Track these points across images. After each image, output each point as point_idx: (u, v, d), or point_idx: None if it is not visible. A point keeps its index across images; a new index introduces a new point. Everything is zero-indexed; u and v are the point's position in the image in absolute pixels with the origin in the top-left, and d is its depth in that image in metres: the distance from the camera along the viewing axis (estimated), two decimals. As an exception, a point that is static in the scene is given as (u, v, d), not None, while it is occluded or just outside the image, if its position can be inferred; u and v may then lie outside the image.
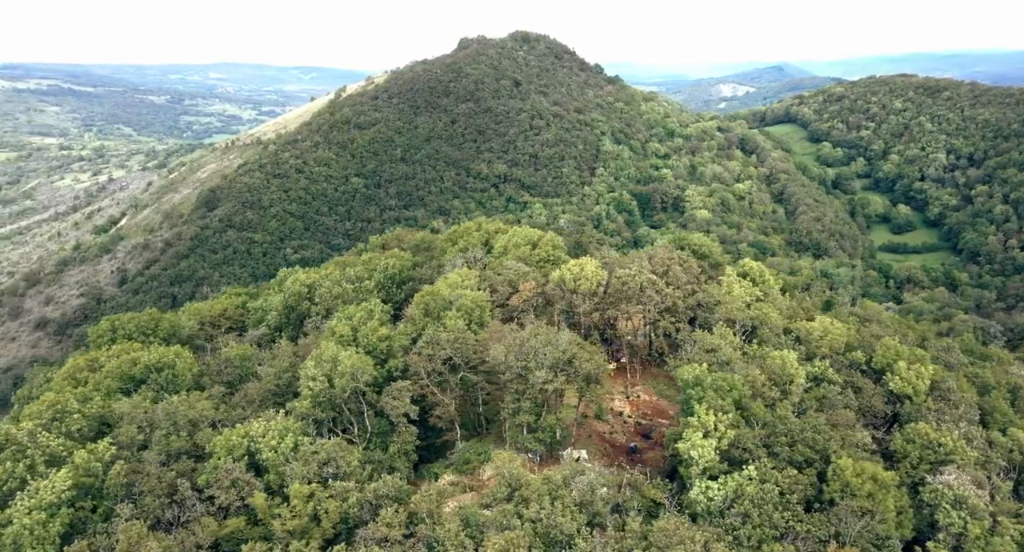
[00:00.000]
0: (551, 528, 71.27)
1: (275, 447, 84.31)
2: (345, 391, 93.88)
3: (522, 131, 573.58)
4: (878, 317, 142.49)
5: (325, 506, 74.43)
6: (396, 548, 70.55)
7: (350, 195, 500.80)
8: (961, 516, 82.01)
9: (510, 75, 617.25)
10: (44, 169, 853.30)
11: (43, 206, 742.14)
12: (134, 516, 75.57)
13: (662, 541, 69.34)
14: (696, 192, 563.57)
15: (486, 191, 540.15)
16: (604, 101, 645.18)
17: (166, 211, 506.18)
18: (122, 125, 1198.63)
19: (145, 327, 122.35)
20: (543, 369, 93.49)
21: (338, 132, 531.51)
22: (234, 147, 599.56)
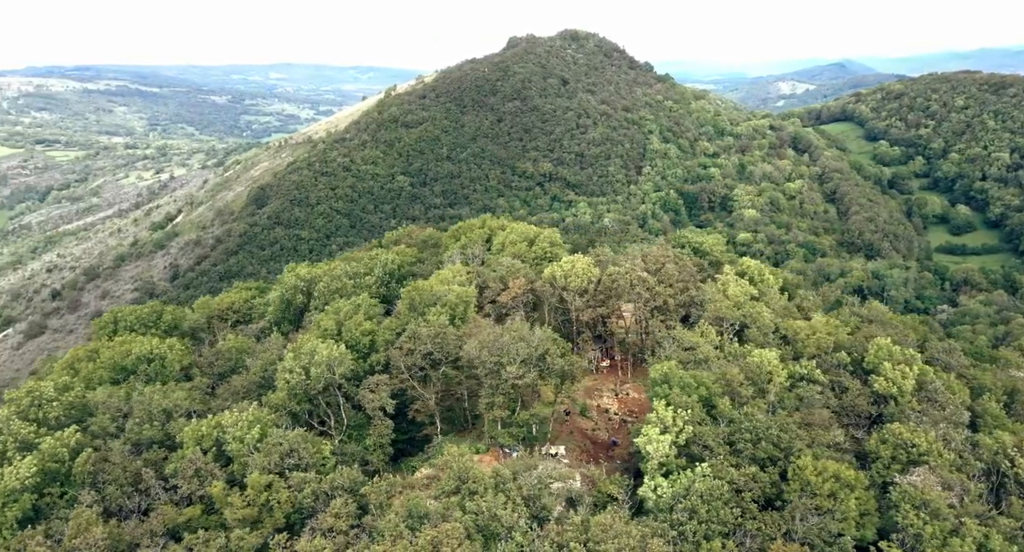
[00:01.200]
0: (491, 521, 72.50)
1: (240, 438, 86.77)
2: (319, 383, 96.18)
3: (568, 130, 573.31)
4: (881, 318, 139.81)
5: (277, 496, 76.77)
6: (340, 538, 72.52)
7: (395, 193, 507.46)
8: (921, 516, 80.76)
9: (558, 73, 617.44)
10: (110, 167, 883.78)
11: (108, 203, 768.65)
12: (95, 503, 78.53)
13: (598, 536, 70.08)
14: (744, 191, 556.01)
15: (531, 190, 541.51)
16: (653, 99, 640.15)
17: (219, 208, 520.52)
18: (185, 124, 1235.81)
19: (146, 319, 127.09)
20: (514, 364, 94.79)
21: (385, 131, 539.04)
22: (286, 146, 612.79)
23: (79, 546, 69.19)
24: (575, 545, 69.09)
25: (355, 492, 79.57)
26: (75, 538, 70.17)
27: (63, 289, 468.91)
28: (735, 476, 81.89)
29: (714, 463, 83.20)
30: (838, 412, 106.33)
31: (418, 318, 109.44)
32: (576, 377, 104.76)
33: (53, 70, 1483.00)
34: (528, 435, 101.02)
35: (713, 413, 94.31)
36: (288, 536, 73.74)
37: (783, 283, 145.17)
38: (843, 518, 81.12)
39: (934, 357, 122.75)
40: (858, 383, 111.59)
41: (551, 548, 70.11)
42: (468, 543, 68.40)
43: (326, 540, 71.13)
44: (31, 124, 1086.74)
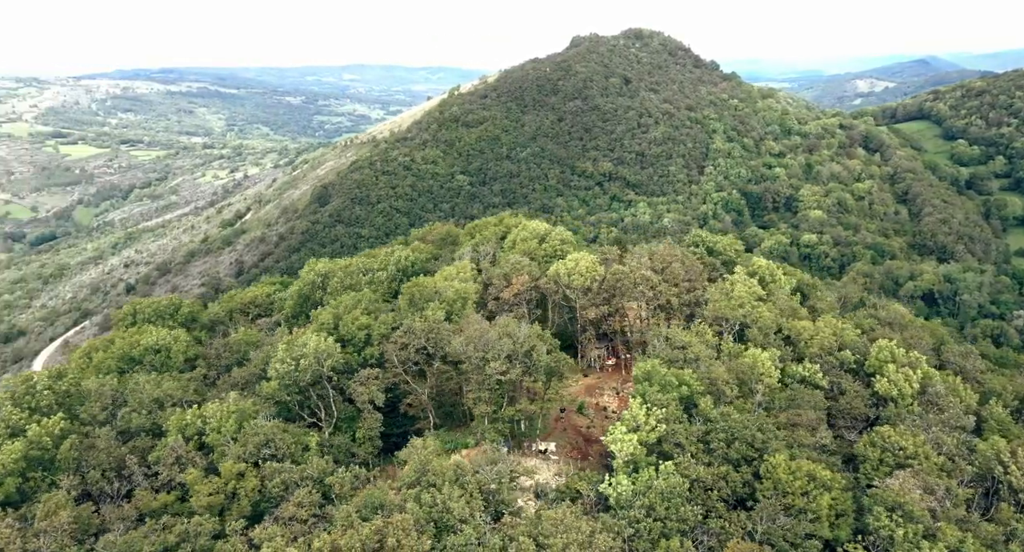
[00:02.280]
0: (444, 513, 73.94)
1: (218, 428, 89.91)
2: (307, 375, 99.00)
3: (630, 129, 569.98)
4: (899, 320, 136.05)
5: (245, 485, 79.73)
6: (297, 527, 74.95)
7: (455, 192, 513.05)
8: (894, 519, 79.59)
9: (620, 72, 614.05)
10: (189, 166, 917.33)
11: (185, 201, 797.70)
12: (72, 488, 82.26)
13: (548, 530, 70.95)
14: (810, 192, 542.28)
15: (590, 189, 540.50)
16: (718, 98, 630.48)
17: (284, 206, 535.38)
18: (261, 125, 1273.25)
19: (164, 311, 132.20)
20: (498, 360, 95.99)
21: (446, 130, 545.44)
22: (351, 145, 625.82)
23: (45, 528, 72.76)
24: (524, 539, 70.18)
25: (322, 482, 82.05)
26: (43, 521, 73.82)
27: (137, 283, 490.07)
28: (702, 474, 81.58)
29: (681, 461, 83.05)
30: (835, 414, 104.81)
31: (415, 313, 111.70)
32: (563, 374, 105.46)
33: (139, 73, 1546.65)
34: (518, 431, 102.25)
35: (693, 412, 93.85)
36: (249, 523, 76.49)
37: (797, 284, 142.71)
38: (815, 518, 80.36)
39: (948, 361, 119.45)
40: (858, 385, 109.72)
41: (500, 541, 71.33)
42: (416, 534, 70.05)
43: (282, 528, 73.68)
44: (117, 125, 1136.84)
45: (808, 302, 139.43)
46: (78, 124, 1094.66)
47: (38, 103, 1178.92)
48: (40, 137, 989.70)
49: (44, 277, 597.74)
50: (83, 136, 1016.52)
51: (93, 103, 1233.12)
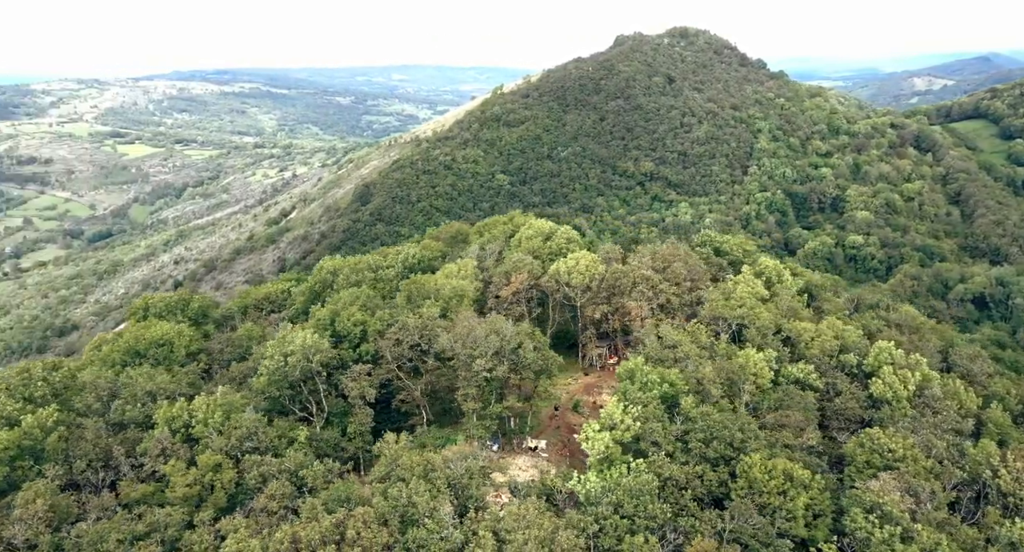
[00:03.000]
0: (408, 507, 75.13)
1: (204, 420, 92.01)
2: (295, 370, 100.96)
3: (672, 128, 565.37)
4: (910, 322, 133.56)
5: (221, 477, 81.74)
6: (265, 518, 76.67)
7: (495, 191, 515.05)
8: (871, 520, 79.15)
9: (664, 71, 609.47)
10: (240, 165, 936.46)
11: (235, 199, 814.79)
12: (57, 477, 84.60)
13: (510, 525, 71.58)
14: (857, 192, 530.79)
15: (631, 189, 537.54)
16: (764, 97, 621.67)
17: (328, 205, 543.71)
18: (311, 124, 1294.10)
19: (175, 306, 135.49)
20: (485, 357, 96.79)
21: (487, 130, 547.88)
22: (395, 145, 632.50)
23: (22, 516, 75.24)
24: (485, 533, 71.01)
25: (296, 475, 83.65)
26: (21, 508, 76.24)
27: (184, 280, 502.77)
28: (676, 472, 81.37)
29: (655, 459, 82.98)
30: (829, 415, 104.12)
31: (411, 310, 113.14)
32: (552, 372, 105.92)
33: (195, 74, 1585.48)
34: (508, 428, 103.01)
35: (675, 410, 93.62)
36: (221, 515, 78.41)
37: (805, 285, 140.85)
38: (790, 517, 79.99)
39: (955, 364, 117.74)
40: (855, 387, 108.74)
41: (463, 535, 72.29)
42: (376, 527, 71.36)
43: (249, 520, 75.59)
44: (172, 125, 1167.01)
45: (815, 303, 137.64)
46: (135, 124, 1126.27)
47: (98, 104, 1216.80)
48: (99, 137, 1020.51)
49: (99, 273, 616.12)
50: (140, 136, 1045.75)
51: (150, 104, 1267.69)
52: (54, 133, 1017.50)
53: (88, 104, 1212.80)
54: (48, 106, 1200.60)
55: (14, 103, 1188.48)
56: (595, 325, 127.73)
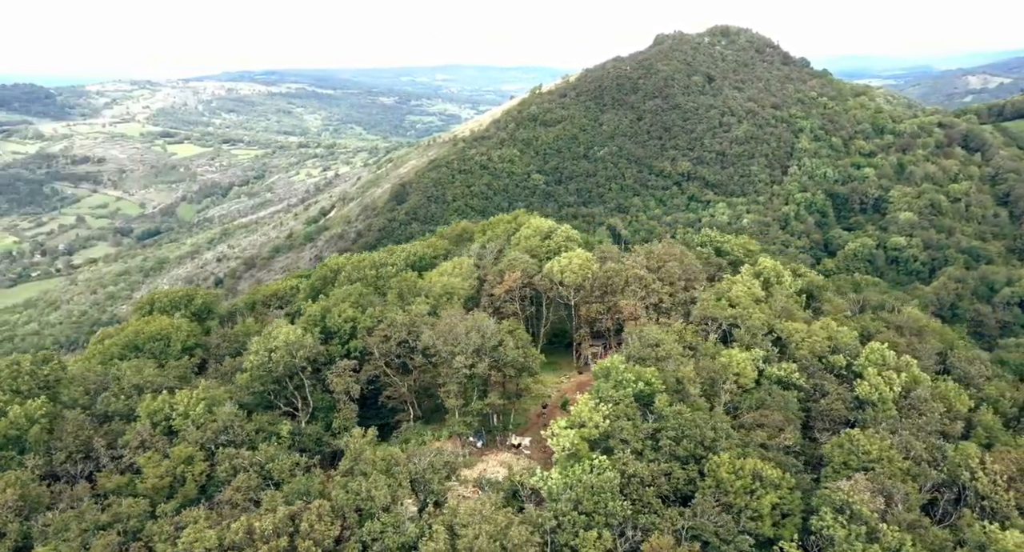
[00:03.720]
0: (366, 500, 76.67)
1: (185, 413, 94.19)
2: (279, 365, 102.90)
3: (710, 128, 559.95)
4: (911, 324, 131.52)
5: (192, 469, 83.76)
6: (228, 510, 78.39)
7: (530, 191, 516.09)
8: (839, 520, 79.00)
9: (703, 70, 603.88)
10: (284, 165, 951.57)
11: (279, 198, 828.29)
12: (35, 468, 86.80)
13: (465, 519, 72.52)
14: (900, 193, 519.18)
15: (668, 189, 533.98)
16: (806, 96, 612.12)
17: (365, 204, 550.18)
18: (355, 124, 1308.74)
19: (178, 302, 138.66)
20: (465, 354, 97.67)
21: (524, 130, 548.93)
22: (433, 145, 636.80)
23: None
24: (438, 527, 72.09)
25: (263, 467, 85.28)
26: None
27: (224, 277, 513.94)
28: (639, 469, 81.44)
29: (620, 456, 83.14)
30: (814, 415, 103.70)
31: (401, 307, 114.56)
32: (534, 370, 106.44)
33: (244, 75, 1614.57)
34: (492, 426, 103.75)
35: (650, 409, 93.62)
36: (187, 506, 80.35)
37: (806, 285, 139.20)
38: (756, 517, 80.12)
39: (953, 366, 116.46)
40: (843, 388, 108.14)
41: (416, 528, 73.49)
42: (328, 520, 72.99)
43: (210, 512, 77.50)
44: (220, 125, 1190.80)
45: (816, 304, 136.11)
46: (185, 124, 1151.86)
47: (150, 104, 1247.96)
48: (150, 137, 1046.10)
49: (145, 270, 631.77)
50: (189, 135, 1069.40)
51: (200, 104, 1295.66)
52: (107, 133, 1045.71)
53: (140, 105, 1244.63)
54: (102, 107, 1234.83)
55: (70, 104, 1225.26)
56: (589, 324, 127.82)
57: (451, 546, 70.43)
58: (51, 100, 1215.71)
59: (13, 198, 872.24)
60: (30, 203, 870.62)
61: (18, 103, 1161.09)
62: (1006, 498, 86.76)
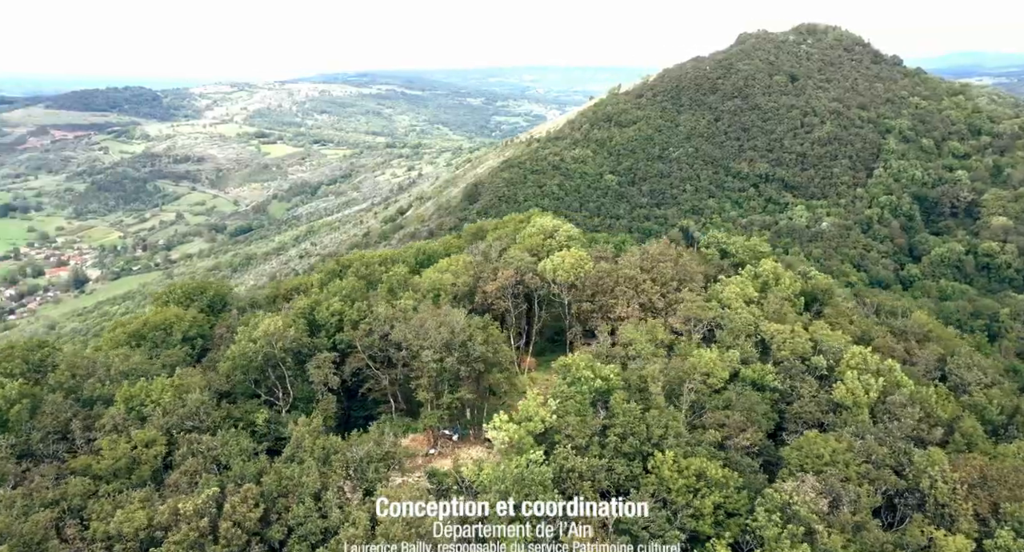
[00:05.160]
0: (297, 486, 79.89)
1: (157, 399, 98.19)
2: (258, 355, 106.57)
3: (791, 128, 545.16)
4: (917, 329, 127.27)
5: (148, 452, 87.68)
6: (171, 492, 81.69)
7: (602, 192, 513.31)
8: (774, 520, 78.84)
9: (786, 70, 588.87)
10: (371, 165, 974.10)
11: (363, 197, 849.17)
12: (12, 446, 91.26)
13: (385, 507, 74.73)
14: (996, 196, 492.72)
15: (744, 191, 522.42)
16: (896, 96, 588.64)
17: (441, 203, 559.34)
18: (441, 125, 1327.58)
19: (192, 293, 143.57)
20: (433, 348, 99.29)
21: (598, 130, 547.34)
22: (511, 145, 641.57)
23: None
24: (360, 514, 74.25)
25: (215, 452, 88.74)
26: None
27: (302, 273, 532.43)
28: (577, 464, 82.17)
29: (560, 451, 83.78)
30: (788, 417, 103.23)
31: (387, 302, 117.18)
32: (504, 366, 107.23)
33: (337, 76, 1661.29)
34: (465, 420, 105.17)
35: (605, 406, 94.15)
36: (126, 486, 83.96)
37: (811, 288, 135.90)
38: (697, 515, 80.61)
39: (951, 372, 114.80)
40: (821, 390, 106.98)
41: (339, 514, 76.15)
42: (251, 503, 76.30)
43: (157, 493, 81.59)
44: (312, 126, 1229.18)
45: (817, 306, 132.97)
46: (279, 125, 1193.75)
47: (247, 106, 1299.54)
48: (246, 137, 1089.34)
49: (234, 265, 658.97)
50: (282, 136, 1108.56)
51: (294, 105, 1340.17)
52: (207, 134, 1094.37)
53: (239, 106, 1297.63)
54: (204, 108, 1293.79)
55: (175, 106, 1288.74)
56: (581, 323, 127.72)
57: (371, 533, 72.73)
58: (158, 102, 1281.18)
59: (120, 195, 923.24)
60: (135, 200, 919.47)
61: (128, 105, 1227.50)
62: (964, 507, 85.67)
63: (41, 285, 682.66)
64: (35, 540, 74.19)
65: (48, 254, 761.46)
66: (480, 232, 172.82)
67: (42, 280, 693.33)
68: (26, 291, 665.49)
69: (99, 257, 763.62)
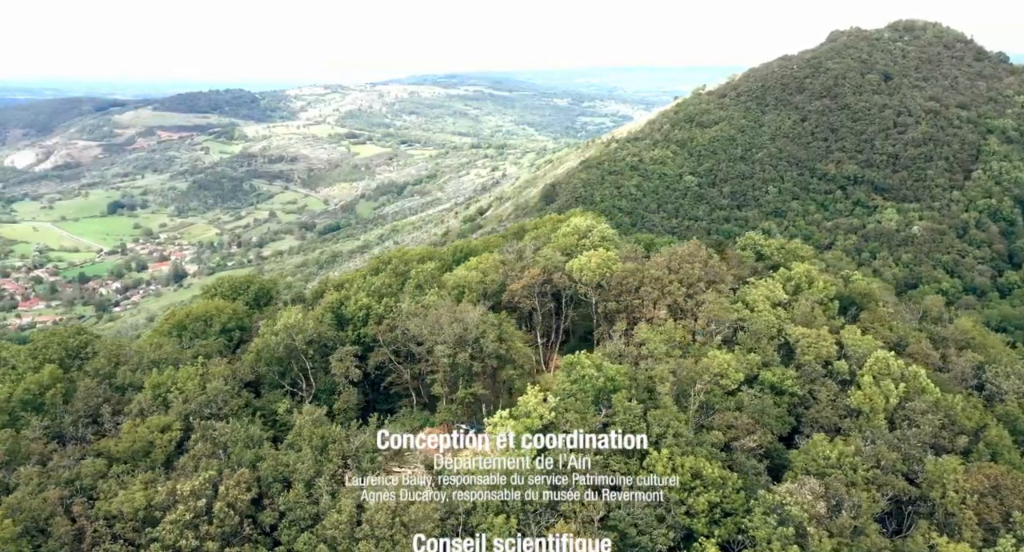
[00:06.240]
0: (292, 472, 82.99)
1: (180, 387, 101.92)
2: (279, 347, 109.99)
3: (883, 129, 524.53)
4: (960, 336, 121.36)
5: (163, 437, 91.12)
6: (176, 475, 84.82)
7: (681, 193, 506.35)
8: (768, 521, 78.19)
9: (880, 68, 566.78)
10: (456, 165, 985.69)
11: (447, 197, 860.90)
12: (44, 428, 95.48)
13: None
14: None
15: (831, 193, 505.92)
16: (1000, 95, 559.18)
17: (519, 204, 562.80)
18: (527, 125, 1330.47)
19: (238, 287, 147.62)
20: (446, 344, 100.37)
21: (678, 130, 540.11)
22: (592, 145, 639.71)
23: None
24: (346, 501, 76.90)
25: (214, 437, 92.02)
26: None
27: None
28: (568, 459, 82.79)
29: (555, 447, 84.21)
30: (805, 422, 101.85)
31: (413, 299, 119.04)
32: (517, 363, 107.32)
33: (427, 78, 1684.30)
34: (482, 415, 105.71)
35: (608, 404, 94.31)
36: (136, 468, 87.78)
37: (849, 292, 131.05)
38: (691, 514, 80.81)
39: (987, 381, 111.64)
40: (839, 394, 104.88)
41: (328, 501, 78.98)
42: (244, 487, 79.58)
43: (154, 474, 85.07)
44: (401, 126, 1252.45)
45: (854, 311, 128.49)
46: (369, 126, 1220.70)
47: (339, 107, 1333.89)
48: (336, 138, 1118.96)
49: (320, 262, 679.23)
50: (371, 136, 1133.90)
51: (383, 107, 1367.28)
52: (300, 134, 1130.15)
53: (331, 108, 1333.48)
54: (298, 110, 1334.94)
55: (272, 107, 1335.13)
56: (608, 322, 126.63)
57: (356, 520, 74.94)
58: (256, 104, 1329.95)
59: (218, 194, 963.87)
60: (232, 198, 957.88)
61: (229, 107, 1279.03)
62: (969, 515, 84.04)
63: (144, 279, 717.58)
64: (42, 516, 78.66)
65: (151, 249, 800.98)
66: (521, 231, 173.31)
67: (145, 274, 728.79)
68: (131, 284, 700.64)
69: (197, 253, 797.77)
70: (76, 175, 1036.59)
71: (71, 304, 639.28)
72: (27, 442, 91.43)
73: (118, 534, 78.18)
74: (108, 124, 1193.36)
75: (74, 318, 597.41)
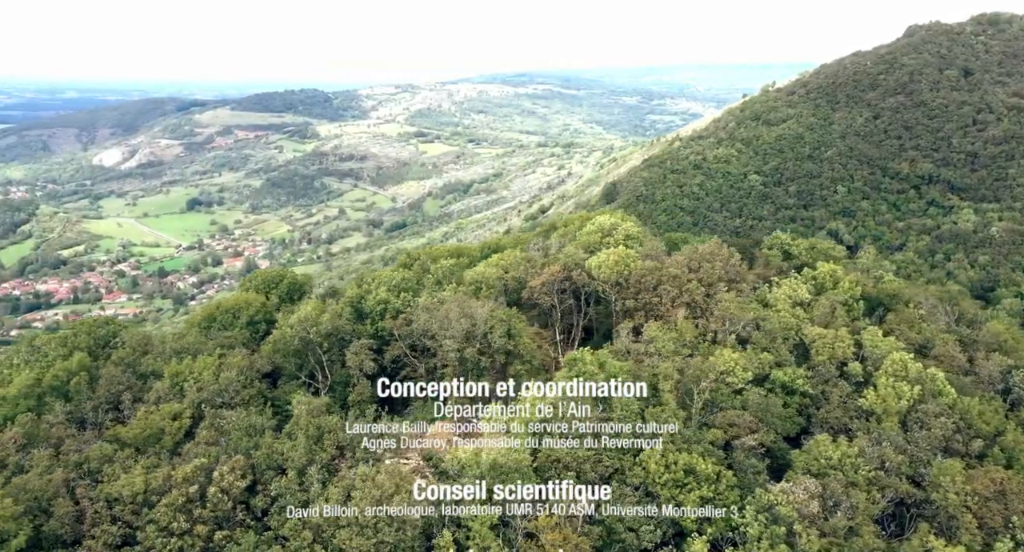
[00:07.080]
0: (285, 460, 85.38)
1: (196, 376, 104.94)
2: (294, 340, 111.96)
3: (961, 126, 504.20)
4: (990, 340, 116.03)
5: (173, 425, 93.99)
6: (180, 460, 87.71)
7: (745, 192, 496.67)
8: (760, 519, 77.99)
9: (959, 64, 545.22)
10: (522, 164, 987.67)
11: (512, 195, 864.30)
12: (66, 414, 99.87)
13: (358, 484, 78.56)
14: None
15: (904, 193, 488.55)
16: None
17: (581, 202, 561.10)
18: (595, 124, 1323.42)
19: (270, 281, 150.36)
20: (454, 339, 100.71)
21: (744, 128, 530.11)
22: (657, 144, 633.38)
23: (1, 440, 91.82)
24: (334, 489, 78.35)
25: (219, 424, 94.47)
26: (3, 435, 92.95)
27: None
28: (560, 454, 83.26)
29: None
30: (815, 422, 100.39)
31: (430, 294, 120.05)
32: (525, 358, 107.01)
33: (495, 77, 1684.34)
34: None
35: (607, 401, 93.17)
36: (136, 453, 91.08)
37: (877, 292, 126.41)
38: (681, 509, 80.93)
39: (1014, 385, 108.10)
40: (852, 395, 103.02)
41: (318, 489, 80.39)
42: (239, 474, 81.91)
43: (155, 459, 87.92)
44: (469, 125, 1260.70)
45: (881, 311, 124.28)
46: (438, 125, 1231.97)
47: (409, 107, 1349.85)
48: (406, 137, 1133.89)
49: (384, 259, 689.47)
50: (439, 135, 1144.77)
51: (452, 105, 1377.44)
52: (370, 133, 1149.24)
53: (401, 107, 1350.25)
54: (370, 109, 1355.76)
55: (344, 107, 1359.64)
56: (627, 319, 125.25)
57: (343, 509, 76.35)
58: (329, 103, 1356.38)
59: (290, 191, 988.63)
60: (303, 196, 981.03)
61: (302, 106, 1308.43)
62: (969, 519, 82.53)
63: (219, 274, 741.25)
64: (45, 496, 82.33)
65: (226, 245, 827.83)
66: (552, 228, 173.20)
67: (220, 269, 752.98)
68: (206, 279, 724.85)
69: (269, 249, 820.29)
70: (158, 173, 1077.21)
71: (151, 297, 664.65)
72: (47, 427, 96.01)
73: (117, 516, 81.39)
74: (189, 123, 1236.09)
75: (153, 311, 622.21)
